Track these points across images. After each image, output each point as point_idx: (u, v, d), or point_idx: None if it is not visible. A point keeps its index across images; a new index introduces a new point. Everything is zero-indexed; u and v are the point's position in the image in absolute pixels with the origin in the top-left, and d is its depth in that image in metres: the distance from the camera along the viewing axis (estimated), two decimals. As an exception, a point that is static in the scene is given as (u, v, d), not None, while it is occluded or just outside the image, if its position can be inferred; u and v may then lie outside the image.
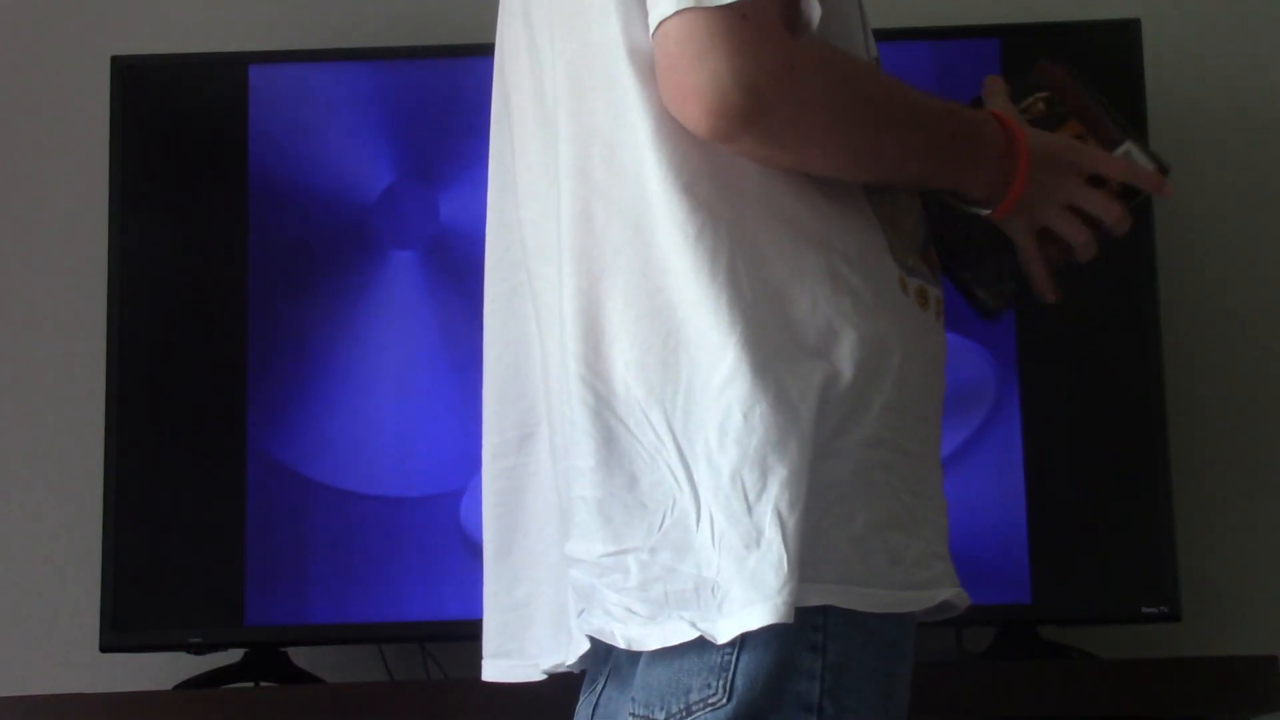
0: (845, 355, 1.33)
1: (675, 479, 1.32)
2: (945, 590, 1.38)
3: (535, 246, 1.49)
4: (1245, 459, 2.68)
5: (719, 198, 1.35)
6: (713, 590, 1.30)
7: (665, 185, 1.34)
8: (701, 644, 1.32)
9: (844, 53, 1.40)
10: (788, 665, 1.31)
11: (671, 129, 1.34)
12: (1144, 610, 2.41)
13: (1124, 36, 2.54)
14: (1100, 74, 2.53)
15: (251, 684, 2.45)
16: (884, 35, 2.50)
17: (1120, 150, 1.56)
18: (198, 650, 2.48)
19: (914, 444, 1.38)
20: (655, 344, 1.33)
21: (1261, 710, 2.30)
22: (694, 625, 1.31)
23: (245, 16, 2.78)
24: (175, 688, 2.45)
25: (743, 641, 1.31)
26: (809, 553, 1.29)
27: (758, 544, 1.28)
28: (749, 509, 1.29)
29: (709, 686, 1.32)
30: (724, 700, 1.31)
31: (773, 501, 1.28)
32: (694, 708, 1.32)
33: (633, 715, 1.37)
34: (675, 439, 1.32)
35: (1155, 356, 2.46)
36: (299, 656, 2.52)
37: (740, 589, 1.28)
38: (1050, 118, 1.57)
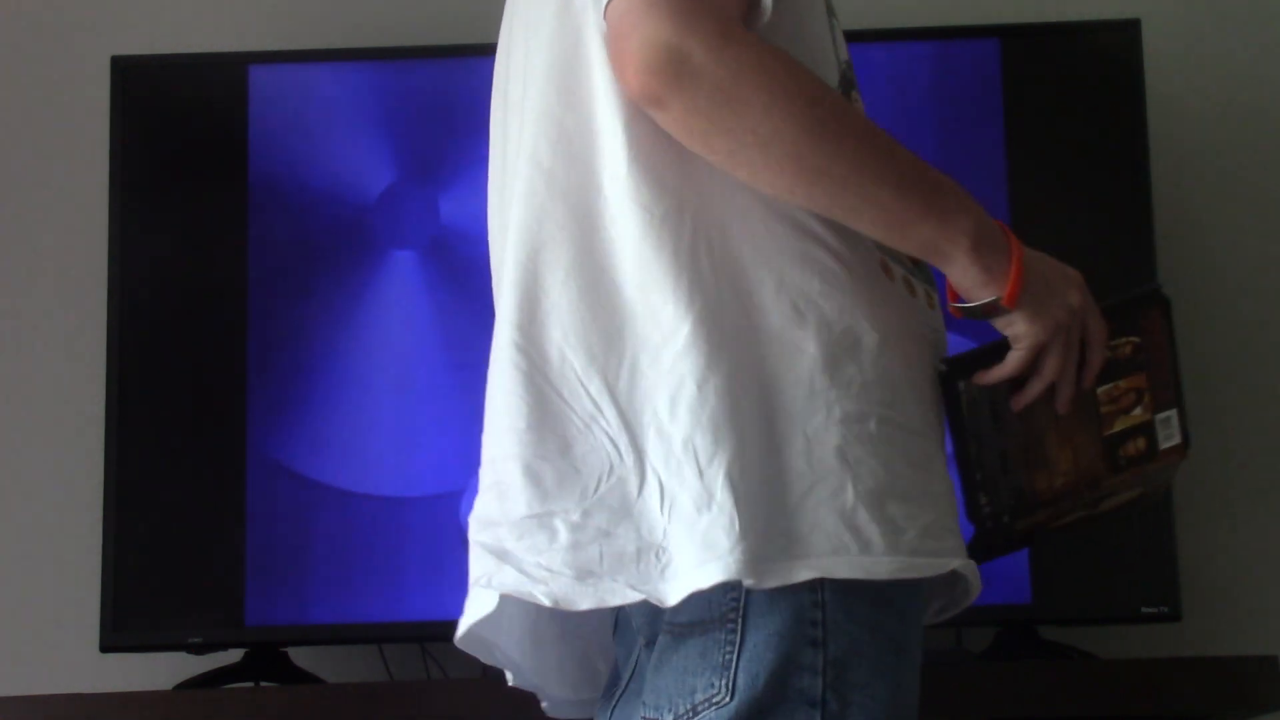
0: (810, 335, 1.34)
1: (615, 447, 1.34)
2: (957, 560, 1.37)
3: (494, 241, 1.51)
4: (1245, 459, 2.68)
5: (685, 182, 1.36)
6: (656, 555, 1.32)
7: (634, 168, 1.36)
8: (705, 643, 1.33)
9: (797, 60, 1.35)
10: (789, 661, 1.32)
11: (644, 114, 1.36)
12: (1144, 610, 2.41)
13: (1124, 36, 2.54)
14: (1100, 74, 2.57)
15: (251, 684, 2.45)
16: (884, 35, 2.55)
17: (1164, 415, 1.54)
18: (198, 650, 2.48)
19: (912, 420, 1.38)
20: (600, 318, 1.36)
21: (1261, 710, 2.29)
22: (633, 588, 1.32)
23: (245, 16, 2.78)
24: (175, 688, 2.45)
25: (743, 639, 1.31)
26: (795, 529, 1.31)
27: (709, 506, 1.30)
28: (700, 473, 1.30)
29: (712, 685, 1.32)
30: (727, 698, 1.32)
31: (724, 466, 1.30)
32: (699, 707, 1.33)
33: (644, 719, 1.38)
34: (619, 409, 1.34)
35: (1155, 356, 2.46)
36: (299, 656, 2.52)
37: (692, 551, 1.30)
38: (1127, 364, 1.52)
